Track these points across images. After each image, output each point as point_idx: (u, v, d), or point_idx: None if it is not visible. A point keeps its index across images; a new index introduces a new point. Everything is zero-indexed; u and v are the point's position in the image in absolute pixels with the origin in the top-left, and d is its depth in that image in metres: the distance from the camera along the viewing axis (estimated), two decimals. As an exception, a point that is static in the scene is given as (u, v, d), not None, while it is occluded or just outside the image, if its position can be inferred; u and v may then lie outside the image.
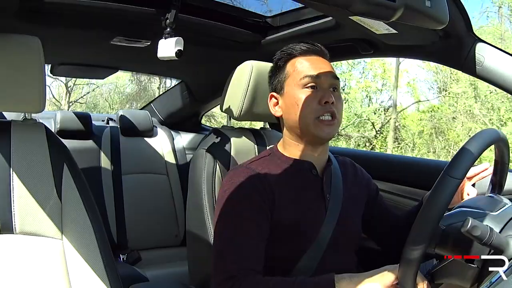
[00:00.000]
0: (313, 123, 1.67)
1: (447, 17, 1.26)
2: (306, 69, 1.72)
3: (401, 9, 1.07)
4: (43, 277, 1.53)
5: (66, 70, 3.34)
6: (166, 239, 3.65)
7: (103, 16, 2.25)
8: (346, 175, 1.87)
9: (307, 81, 1.70)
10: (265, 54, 2.14)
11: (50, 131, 1.69)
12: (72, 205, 1.60)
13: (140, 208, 3.58)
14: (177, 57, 2.06)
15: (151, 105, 4.33)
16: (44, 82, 1.64)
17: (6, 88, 1.57)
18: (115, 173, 3.56)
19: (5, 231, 1.53)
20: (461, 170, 1.18)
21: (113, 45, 2.62)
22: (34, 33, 1.65)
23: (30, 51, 1.61)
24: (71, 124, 3.49)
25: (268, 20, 2.66)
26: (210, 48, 2.87)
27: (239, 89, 2.11)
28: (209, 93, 3.76)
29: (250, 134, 2.27)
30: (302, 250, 1.66)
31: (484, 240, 1.15)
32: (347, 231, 1.77)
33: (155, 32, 2.16)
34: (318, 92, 1.69)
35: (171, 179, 3.79)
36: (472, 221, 1.14)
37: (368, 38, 2.23)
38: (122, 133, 3.73)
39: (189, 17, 2.34)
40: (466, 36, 1.94)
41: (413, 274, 1.22)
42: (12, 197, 1.54)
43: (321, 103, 1.67)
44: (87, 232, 1.60)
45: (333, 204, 1.75)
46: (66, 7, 2.11)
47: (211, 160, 2.08)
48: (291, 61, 1.77)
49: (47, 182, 1.59)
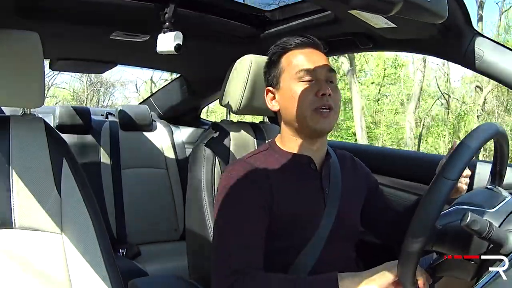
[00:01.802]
0: (310, 115, 1.66)
1: (446, 11, 1.26)
2: (302, 63, 1.71)
3: (400, 3, 1.07)
4: (43, 272, 1.53)
5: (65, 65, 3.34)
6: (165, 233, 3.67)
7: (102, 11, 2.25)
8: (345, 169, 1.86)
9: (303, 74, 1.69)
10: (264, 48, 2.14)
11: (50, 126, 1.69)
12: (71, 199, 1.60)
13: (140, 203, 3.59)
14: (176, 51, 2.07)
15: (150, 99, 4.33)
16: (43, 77, 1.64)
17: (6, 83, 1.57)
18: (114, 168, 3.58)
19: (4, 226, 1.54)
20: (456, 171, 1.18)
21: (112, 40, 2.62)
22: (33, 28, 1.65)
23: (29, 46, 1.61)
24: (71, 119, 3.50)
25: (267, 14, 2.66)
26: (209, 42, 2.87)
27: (238, 83, 2.11)
28: (208, 87, 3.77)
29: (249, 128, 2.27)
30: (302, 244, 1.66)
31: (483, 234, 1.15)
32: (346, 225, 1.76)
33: (154, 27, 2.16)
34: (314, 85, 1.68)
35: (171, 174, 3.80)
36: (471, 215, 1.14)
37: (367, 32, 2.23)
38: (121, 127, 3.74)
39: (188, 11, 2.34)
40: (466, 30, 1.94)
41: (413, 269, 1.22)
42: (12, 192, 1.54)
43: (318, 95, 1.66)
44: (86, 227, 1.60)
45: (331, 198, 1.75)
46: (65, 2, 2.11)
47: (210, 154, 2.08)
48: (285, 55, 1.76)
49: (46, 177, 1.59)
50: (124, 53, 3.22)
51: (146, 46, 2.55)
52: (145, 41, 2.64)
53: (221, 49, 2.98)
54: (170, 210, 3.72)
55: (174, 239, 3.67)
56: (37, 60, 1.62)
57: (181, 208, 3.71)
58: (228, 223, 1.62)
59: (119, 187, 3.55)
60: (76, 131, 3.52)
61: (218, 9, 2.48)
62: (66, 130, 3.39)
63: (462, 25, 1.92)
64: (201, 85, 3.83)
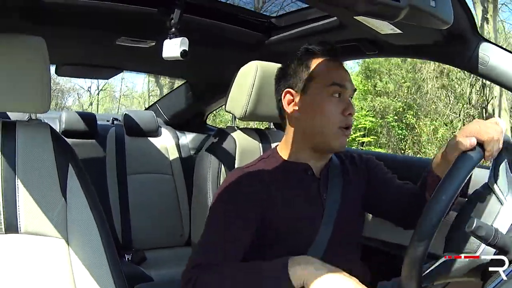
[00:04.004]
0: (334, 133, 1.65)
1: (452, 17, 1.26)
2: (335, 76, 1.68)
3: (406, 9, 1.07)
4: (48, 277, 1.53)
5: (70, 70, 3.36)
6: (171, 239, 3.66)
7: (108, 16, 2.26)
8: (346, 171, 1.83)
9: (335, 89, 1.66)
10: (269, 54, 2.15)
11: (55, 131, 1.70)
12: (77, 205, 1.61)
13: (145, 208, 3.58)
14: (182, 57, 2.07)
15: (156, 105, 4.34)
16: (49, 82, 1.65)
17: (11, 88, 1.57)
18: (120, 173, 3.57)
19: (10, 231, 1.54)
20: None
21: (118, 45, 2.63)
22: (38, 33, 1.66)
23: (35, 51, 1.62)
24: (76, 124, 3.51)
25: (273, 20, 2.66)
26: (215, 48, 2.87)
27: (244, 90, 2.11)
28: (214, 93, 3.77)
29: (255, 134, 2.27)
30: (301, 251, 1.64)
31: (489, 240, 1.15)
32: (346, 231, 1.74)
33: (160, 33, 2.17)
34: (341, 102, 1.66)
35: (176, 179, 3.80)
36: (476, 221, 1.14)
37: (372, 38, 2.23)
38: (127, 133, 3.73)
39: (194, 17, 2.35)
40: (471, 35, 1.93)
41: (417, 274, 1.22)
42: (17, 197, 1.55)
43: (344, 114, 1.65)
44: (92, 232, 1.60)
45: (330, 204, 1.72)
46: (71, 7, 2.12)
47: (216, 160, 2.08)
48: (315, 60, 1.71)
49: (52, 182, 1.60)
50: (129, 59, 3.23)
51: (152, 52, 2.55)
52: (151, 47, 2.64)
53: (227, 55, 2.98)
54: (175, 216, 3.71)
55: (180, 245, 3.66)
56: (43, 65, 1.62)
57: (186, 214, 3.70)
58: (210, 226, 1.63)
59: (125, 193, 3.55)
60: (82, 136, 3.53)
61: (224, 15, 2.49)
62: (72, 136, 3.40)
63: (467, 31, 1.91)
64: (206, 91, 3.83)
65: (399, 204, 1.81)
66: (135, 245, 3.45)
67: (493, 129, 1.35)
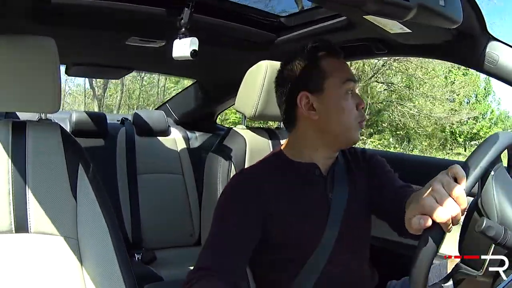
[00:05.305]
0: (355, 128, 1.68)
1: (461, 16, 1.26)
2: (346, 72, 1.70)
3: (415, 9, 1.07)
4: (58, 276, 1.54)
5: (81, 70, 3.38)
6: (181, 238, 3.67)
7: (118, 16, 2.26)
8: (351, 170, 1.83)
9: (350, 85, 1.68)
10: (279, 53, 2.14)
11: (66, 131, 1.71)
12: (87, 204, 1.61)
13: (155, 208, 3.59)
14: (192, 57, 2.06)
15: (166, 105, 4.34)
16: (59, 82, 1.65)
17: (22, 88, 1.58)
18: (130, 173, 3.59)
19: (20, 231, 1.55)
20: None
21: (128, 46, 2.63)
22: (49, 34, 1.67)
23: (45, 52, 1.62)
24: (87, 124, 3.53)
25: (282, 20, 2.65)
26: (225, 48, 2.87)
27: (254, 89, 2.11)
28: (224, 93, 3.77)
29: (265, 133, 2.26)
30: (308, 250, 1.65)
31: (498, 240, 1.14)
32: (354, 230, 1.74)
33: (170, 32, 2.17)
34: (354, 97, 1.69)
35: (186, 179, 3.81)
36: (486, 221, 1.13)
37: (382, 38, 2.22)
38: (137, 133, 3.75)
39: (204, 17, 2.35)
40: (480, 34, 1.92)
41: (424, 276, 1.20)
42: (28, 197, 1.56)
43: (358, 108, 1.68)
44: (102, 232, 1.61)
45: (336, 203, 1.72)
46: (81, 8, 2.12)
47: (226, 160, 2.08)
48: (324, 59, 1.71)
49: (62, 182, 1.61)
50: (140, 59, 3.23)
51: (162, 52, 2.56)
52: (161, 47, 2.64)
53: (237, 55, 2.98)
54: (185, 216, 3.72)
55: (190, 245, 3.67)
56: (53, 65, 1.63)
57: (196, 214, 3.70)
58: (213, 231, 1.64)
59: (135, 192, 3.56)
60: (92, 136, 3.55)
61: (233, 14, 2.49)
62: (82, 135, 3.41)
63: (477, 30, 1.91)
64: (216, 90, 3.83)
65: (393, 207, 1.64)
66: (145, 244, 3.46)
67: (450, 207, 1.10)
